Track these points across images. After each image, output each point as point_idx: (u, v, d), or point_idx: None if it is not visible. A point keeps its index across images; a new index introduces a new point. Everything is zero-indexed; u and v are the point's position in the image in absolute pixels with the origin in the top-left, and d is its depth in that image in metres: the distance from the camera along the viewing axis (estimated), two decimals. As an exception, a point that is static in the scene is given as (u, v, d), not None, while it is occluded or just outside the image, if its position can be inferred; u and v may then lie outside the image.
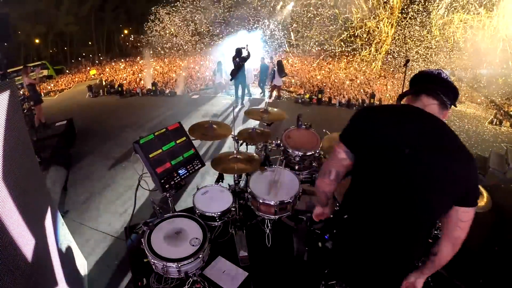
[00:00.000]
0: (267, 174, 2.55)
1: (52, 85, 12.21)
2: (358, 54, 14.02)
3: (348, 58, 14.27)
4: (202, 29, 16.60)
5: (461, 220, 1.19)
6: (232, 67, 7.96)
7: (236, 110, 7.82)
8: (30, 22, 15.17)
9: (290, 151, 2.74)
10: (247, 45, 7.79)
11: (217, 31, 16.71)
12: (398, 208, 1.21)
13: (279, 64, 8.88)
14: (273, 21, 15.77)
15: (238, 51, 7.78)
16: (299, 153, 2.71)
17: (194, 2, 16.23)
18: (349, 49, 14.34)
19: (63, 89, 11.72)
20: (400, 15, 13.00)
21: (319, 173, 1.43)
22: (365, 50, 13.92)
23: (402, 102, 1.33)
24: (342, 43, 14.41)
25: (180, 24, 16.31)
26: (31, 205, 1.90)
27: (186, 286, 2.02)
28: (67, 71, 15.79)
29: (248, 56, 7.79)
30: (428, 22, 12.73)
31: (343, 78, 11.70)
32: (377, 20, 13.20)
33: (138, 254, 2.26)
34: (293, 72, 12.63)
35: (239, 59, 7.80)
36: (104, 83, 11.06)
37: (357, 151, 1.29)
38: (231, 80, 8.26)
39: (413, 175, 1.14)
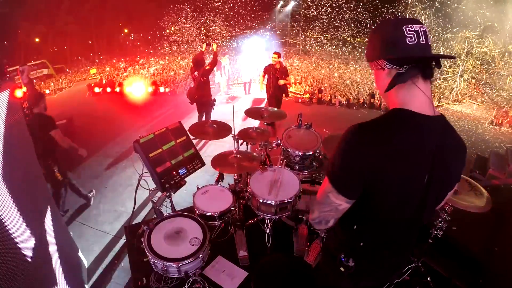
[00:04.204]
0: (267, 173, 2.55)
1: (52, 84, 12.19)
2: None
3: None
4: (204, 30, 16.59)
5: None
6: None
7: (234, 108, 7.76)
8: (30, 21, 15.16)
9: (290, 150, 2.73)
10: (212, 42, 5.44)
11: (218, 30, 16.71)
12: (415, 217, 1.14)
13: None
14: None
15: (198, 61, 5.28)
16: (299, 152, 2.71)
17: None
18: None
19: (63, 88, 11.71)
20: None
21: (315, 219, 1.17)
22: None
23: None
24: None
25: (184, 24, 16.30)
26: (31, 205, 1.90)
27: (186, 286, 2.02)
28: (67, 70, 15.78)
29: (214, 63, 5.33)
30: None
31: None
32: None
33: (138, 253, 2.26)
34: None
35: (200, 73, 5.22)
36: (104, 82, 11.05)
37: (370, 195, 1.04)
38: (191, 103, 5.52)
39: (432, 185, 1.04)
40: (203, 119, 5.71)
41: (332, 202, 1.08)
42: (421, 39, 0.93)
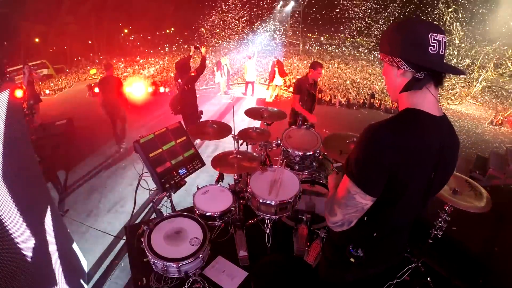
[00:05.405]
0: (267, 174, 2.55)
1: (52, 84, 12.18)
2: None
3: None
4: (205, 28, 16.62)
5: None
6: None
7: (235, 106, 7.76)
8: (30, 21, 15.16)
9: (290, 151, 2.73)
10: (202, 46, 4.67)
11: (217, 30, 16.73)
12: (420, 205, 1.22)
13: (280, 64, 8.90)
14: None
15: (182, 66, 4.62)
16: (299, 153, 2.71)
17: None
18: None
19: (63, 88, 11.70)
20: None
21: (337, 222, 1.15)
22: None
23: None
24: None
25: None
26: (31, 205, 1.90)
27: (186, 286, 2.02)
28: (67, 70, 15.77)
29: (202, 69, 4.60)
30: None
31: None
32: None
33: (138, 253, 2.26)
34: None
35: (184, 81, 4.57)
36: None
37: (389, 188, 1.07)
38: (174, 114, 4.83)
39: (436, 177, 1.13)
40: None
41: (358, 203, 1.08)
42: (441, 50, 0.98)
